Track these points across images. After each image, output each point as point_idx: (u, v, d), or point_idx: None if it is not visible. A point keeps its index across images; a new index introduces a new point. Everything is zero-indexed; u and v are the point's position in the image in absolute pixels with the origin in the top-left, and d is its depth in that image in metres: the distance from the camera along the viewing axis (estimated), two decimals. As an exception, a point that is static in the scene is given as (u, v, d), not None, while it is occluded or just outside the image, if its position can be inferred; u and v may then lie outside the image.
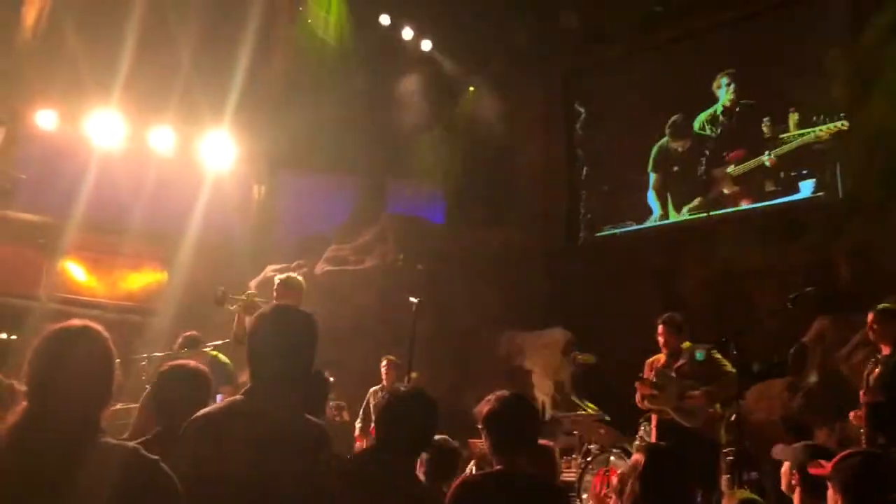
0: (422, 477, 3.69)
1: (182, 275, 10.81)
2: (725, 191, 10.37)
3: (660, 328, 5.86)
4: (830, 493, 2.60)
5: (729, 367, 5.55)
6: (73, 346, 2.03)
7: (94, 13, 10.13)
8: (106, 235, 10.97)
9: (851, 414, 5.66)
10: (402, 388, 2.83)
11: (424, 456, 3.71)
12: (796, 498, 3.06)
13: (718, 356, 5.67)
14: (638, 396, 5.87)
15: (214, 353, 6.53)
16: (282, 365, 2.30)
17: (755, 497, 3.49)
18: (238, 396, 2.32)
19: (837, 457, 2.69)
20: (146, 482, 1.97)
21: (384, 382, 7.66)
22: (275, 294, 5.61)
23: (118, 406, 4.79)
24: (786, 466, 3.26)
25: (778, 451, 3.52)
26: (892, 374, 5.25)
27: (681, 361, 5.75)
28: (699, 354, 5.54)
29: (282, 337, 2.32)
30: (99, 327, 2.09)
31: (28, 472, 1.89)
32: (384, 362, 7.68)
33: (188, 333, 6.74)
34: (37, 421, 1.95)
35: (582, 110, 12.24)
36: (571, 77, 12.43)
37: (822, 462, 2.80)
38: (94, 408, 2.03)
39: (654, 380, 5.71)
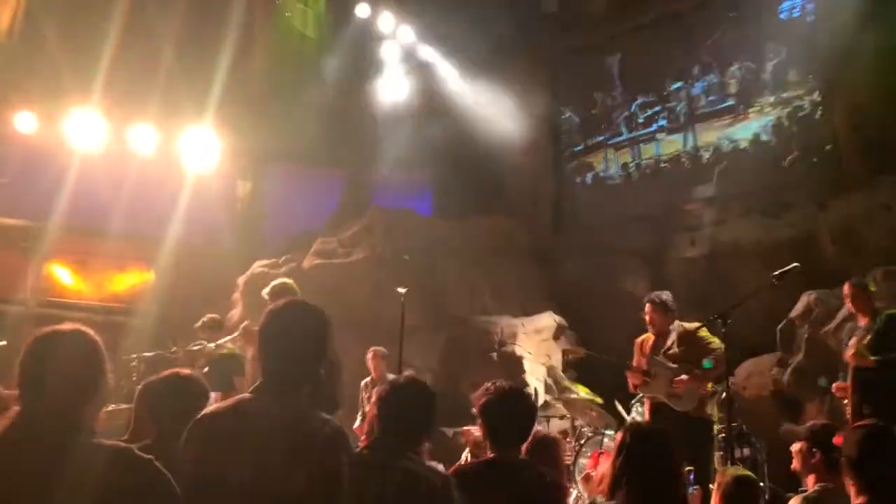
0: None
1: (168, 274, 10.76)
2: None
3: (646, 307, 5.86)
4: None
5: (716, 345, 5.57)
6: (61, 347, 2.04)
7: (70, 12, 10.01)
8: (89, 237, 10.87)
9: (834, 386, 5.72)
10: (400, 378, 2.84)
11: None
12: (813, 475, 3.08)
13: (705, 334, 5.69)
14: (630, 383, 5.91)
15: (230, 348, 6.60)
16: (294, 362, 2.26)
17: (747, 473, 3.53)
18: (246, 395, 2.27)
19: (846, 431, 2.72)
20: (139, 481, 1.98)
21: (372, 374, 7.65)
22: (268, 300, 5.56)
23: (111, 407, 4.76)
24: (797, 445, 3.29)
25: (788, 430, 3.58)
26: (879, 341, 5.32)
27: (669, 342, 5.76)
28: (707, 363, 5.55)
29: (294, 333, 2.28)
30: (88, 329, 2.09)
31: (19, 472, 1.90)
32: (370, 354, 7.71)
33: (210, 316, 6.90)
34: (26, 422, 1.97)
35: (565, 95, 12.26)
36: (553, 62, 12.42)
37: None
38: (84, 408, 2.04)
39: (645, 367, 5.73)
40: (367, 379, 7.73)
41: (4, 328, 9.62)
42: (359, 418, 7.69)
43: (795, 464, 3.44)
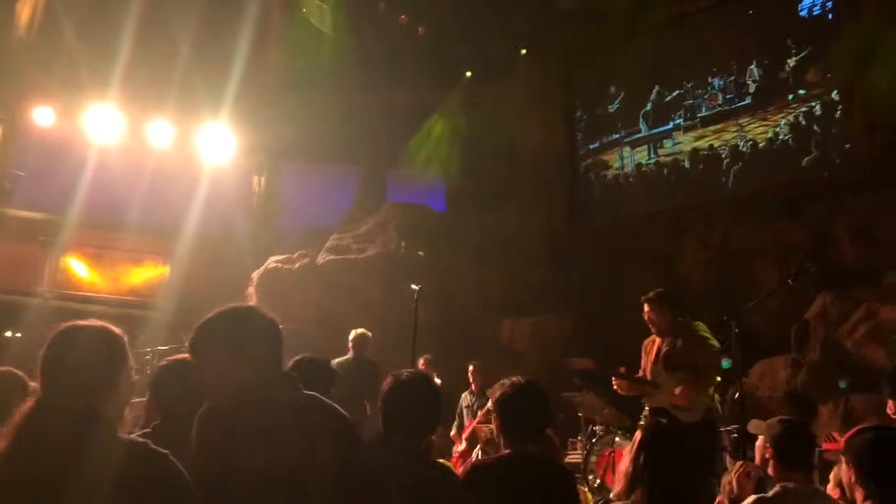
0: None
1: (183, 268, 10.84)
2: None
3: (645, 307, 5.56)
4: (844, 468, 2.60)
5: (710, 341, 5.28)
6: (82, 342, 2.07)
7: (89, 8, 10.10)
8: (106, 231, 10.98)
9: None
10: (404, 374, 2.81)
11: None
12: (770, 471, 3.08)
13: (703, 333, 5.35)
14: (617, 387, 5.65)
15: None
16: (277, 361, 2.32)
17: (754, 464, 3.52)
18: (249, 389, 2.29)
19: (850, 432, 2.69)
20: (153, 475, 2.00)
21: (473, 387, 7.88)
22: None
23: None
24: (760, 440, 3.28)
25: (753, 425, 3.55)
26: None
27: (665, 349, 5.41)
28: (725, 363, 5.42)
29: (266, 337, 2.33)
30: (110, 326, 2.12)
31: (34, 462, 1.92)
32: (471, 368, 7.92)
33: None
34: (44, 413, 1.99)
35: (581, 93, 12.22)
36: (569, 59, 12.36)
37: (836, 436, 2.82)
38: (101, 403, 2.05)
39: (649, 377, 5.55)
40: (467, 392, 7.92)
41: (22, 321, 9.75)
42: (455, 427, 7.80)
43: (757, 458, 3.42)
